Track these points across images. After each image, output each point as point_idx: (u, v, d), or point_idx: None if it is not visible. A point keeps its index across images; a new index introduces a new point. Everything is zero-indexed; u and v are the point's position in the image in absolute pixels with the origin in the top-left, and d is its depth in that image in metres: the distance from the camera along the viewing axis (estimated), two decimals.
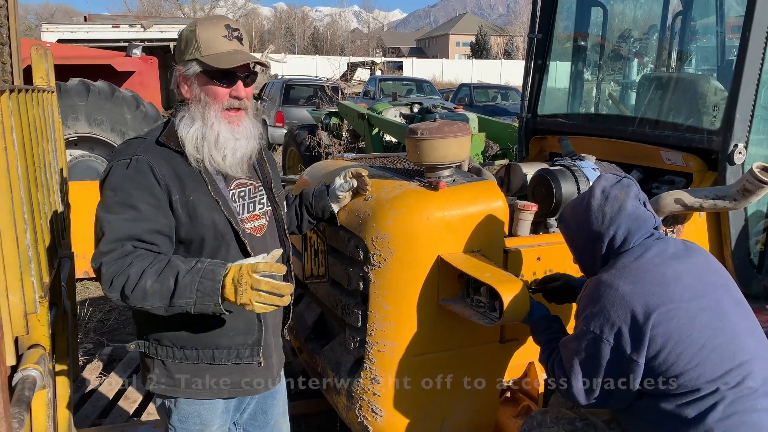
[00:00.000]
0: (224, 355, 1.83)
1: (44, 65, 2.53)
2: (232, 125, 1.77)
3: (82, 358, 3.89)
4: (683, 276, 1.70)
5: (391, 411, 2.23)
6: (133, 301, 1.62)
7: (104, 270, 1.62)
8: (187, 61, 1.74)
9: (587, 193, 1.90)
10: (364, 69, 20.96)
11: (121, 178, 1.69)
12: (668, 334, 1.62)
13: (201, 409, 1.87)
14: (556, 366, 1.86)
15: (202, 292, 1.60)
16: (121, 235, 1.65)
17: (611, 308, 1.68)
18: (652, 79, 3.65)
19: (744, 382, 1.61)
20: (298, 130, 8.97)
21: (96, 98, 6.15)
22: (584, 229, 1.87)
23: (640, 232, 1.81)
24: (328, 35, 72.15)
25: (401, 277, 2.15)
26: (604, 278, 1.75)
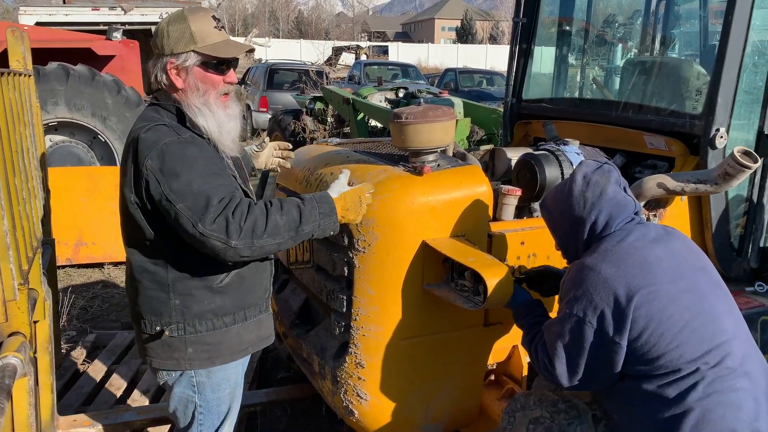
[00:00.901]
0: (252, 312, 1.98)
1: (20, 48, 2.48)
2: (226, 109, 1.89)
3: (65, 346, 3.85)
4: (664, 259, 1.73)
5: (376, 395, 2.24)
6: (266, 239, 1.72)
7: (231, 220, 1.67)
8: (181, 53, 1.81)
9: (569, 180, 1.92)
10: (349, 53, 20.84)
11: (188, 152, 1.74)
12: (650, 315, 1.65)
13: (230, 373, 1.99)
14: (539, 349, 1.87)
15: (323, 214, 1.83)
16: (225, 193, 1.72)
17: (594, 291, 1.70)
18: (636, 64, 3.66)
19: (723, 362, 1.63)
20: (283, 115, 8.92)
21: (76, 83, 6.04)
22: (566, 214, 1.90)
23: (621, 216, 1.84)
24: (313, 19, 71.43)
25: (386, 262, 2.15)
26: (587, 262, 1.77)
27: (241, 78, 15.19)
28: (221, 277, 1.87)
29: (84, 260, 5.33)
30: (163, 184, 1.70)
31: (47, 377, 2.51)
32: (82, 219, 5.18)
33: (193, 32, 1.80)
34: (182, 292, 1.85)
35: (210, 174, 1.74)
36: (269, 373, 3.70)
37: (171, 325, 1.87)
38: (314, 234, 1.83)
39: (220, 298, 1.88)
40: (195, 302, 1.86)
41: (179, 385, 1.96)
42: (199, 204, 1.68)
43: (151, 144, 1.74)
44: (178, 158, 1.72)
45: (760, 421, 1.63)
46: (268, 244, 1.73)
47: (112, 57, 7.48)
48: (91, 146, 6.33)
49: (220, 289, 1.87)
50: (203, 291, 1.85)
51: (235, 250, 1.69)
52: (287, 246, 1.80)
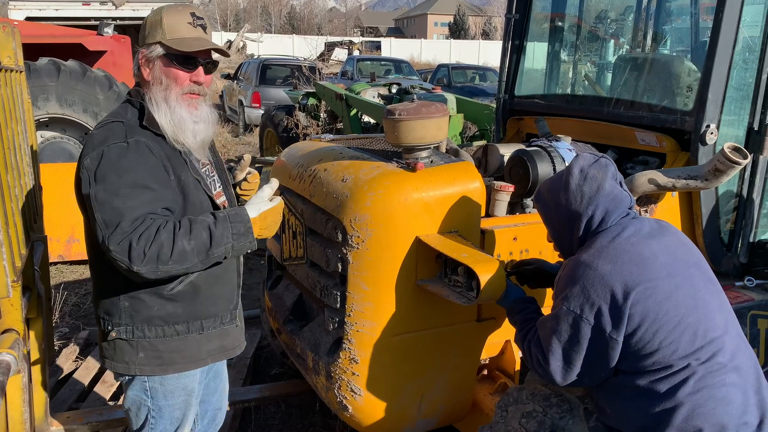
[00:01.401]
0: (210, 323, 1.94)
1: (11, 44, 2.46)
2: (191, 108, 1.84)
3: (58, 343, 3.85)
4: (659, 255, 1.73)
5: (369, 390, 2.25)
6: (172, 265, 1.66)
7: (134, 246, 1.62)
8: (151, 44, 1.80)
9: (565, 173, 1.90)
10: (342, 49, 20.79)
11: (124, 160, 1.70)
12: (646, 312, 1.65)
13: (186, 380, 1.95)
14: (533, 346, 1.86)
15: (237, 234, 1.75)
16: (141, 213, 1.68)
17: (591, 288, 1.70)
18: (628, 60, 3.68)
19: (714, 358, 1.65)
20: (276, 111, 8.88)
21: (67, 78, 5.99)
22: (562, 208, 1.88)
23: (617, 211, 1.83)
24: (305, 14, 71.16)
25: (379, 258, 2.16)
26: (583, 258, 1.77)
27: (234, 73, 15.13)
28: (172, 285, 1.83)
29: (76, 257, 5.31)
30: (92, 186, 1.68)
31: (41, 374, 2.51)
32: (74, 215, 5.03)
33: (164, 24, 1.79)
34: (132, 295, 1.82)
35: (138, 186, 1.69)
36: (263, 369, 3.71)
37: (120, 327, 1.85)
38: (228, 255, 1.77)
39: (170, 306, 1.85)
40: (144, 307, 1.83)
41: (132, 388, 1.93)
42: (113, 221, 1.65)
43: (96, 144, 1.73)
44: (113, 164, 1.69)
45: (749, 415, 1.65)
46: (175, 270, 1.68)
47: (103, 52, 7.43)
48: (83, 142, 6.28)
49: (170, 296, 1.83)
50: (153, 296, 1.82)
51: (138, 275, 1.65)
52: (198, 269, 1.74)
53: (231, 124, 14.26)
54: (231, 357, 2.09)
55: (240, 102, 13.56)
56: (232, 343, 2.05)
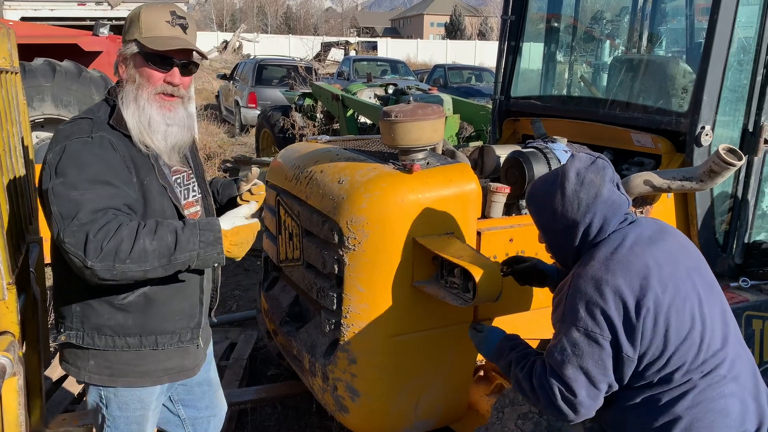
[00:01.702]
0: (167, 339, 1.85)
1: (7, 45, 2.45)
2: (164, 110, 1.77)
3: (53, 344, 3.83)
4: (663, 264, 1.64)
5: (366, 392, 2.25)
6: (130, 264, 1.56)
7: (91, 238, 1.53)
8: (128, 42, 1.75)
9: (561, 175, 1.76)
10: (338, 49, 20.79)
11: (86, 154, 1.64)
12: (656, 329, 1.59)
13: (142, 393, 1.88)
14: (549, 379, 1.66)
15: (205, 243, 1.65)
16: (101, 206, 1.60)
17: (604, 303, 1.59)
18: (623, 62, 3.69)
19: (715, 371, 1.62)
20: (272, 112, 8.88)
21: (62, 79, 5.97)
22: (558, 215, 1.75)
23: (616, 218, 1.73)
24: (301, 14, 71.14)
25: (376, 260, 2.16)
26: (591, 273, 1.64)
27: (230, 74, 15.11)
28: (124, 294, 1.75)
29: None
30: (51, 180, 1.61)
31: (36, 376, 2.50)
32: None
33: (141, 22, 1.74)
34: (83, 300, 1.76)
35: (98, 181, 1.62)
36: (259, 371, 3.71)
37: (70, 332, 1.80)
38: (192, 264, 1.66)
39: (121, 316, 1.77)
40: (94, 314, 1.77)
41: (90, 394, 1.90)
42: (69, 212, 1.57)
43: (60, 138, 1.68)
44: (73, 158, 1.62)
45: (747, 423, 1.64)
46: (132, 270, 1.57)
47: (99, 53, 7.42)
48: None
49: (121, 306, 1.76)
50: (103, 304, 1.76)
51: (92, 271, 1.55)
52: (159, 274, 1.63)
53: (227, 124, 14.24)
54: (191, 377, 1.99)
55: (236, 102, 13.54)
56: (192, 363, 1.96)
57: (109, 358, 1.81)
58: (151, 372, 1.85)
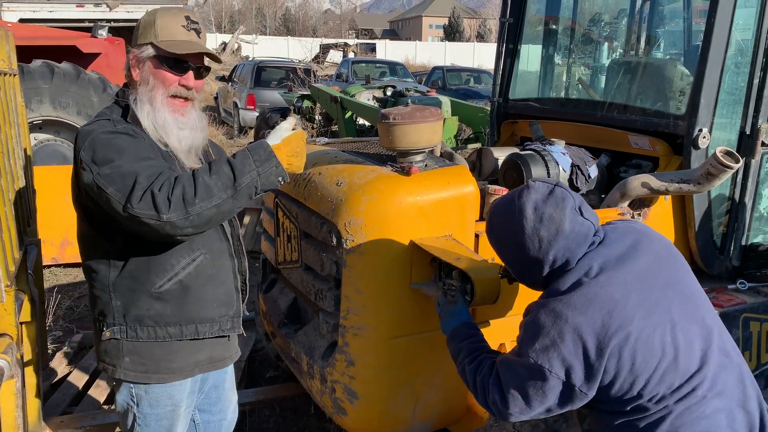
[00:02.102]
0: (207, 328, 1.89)
1: (5, 47, 2.46)
2: (176, 113, 1.81)
3: (51, 346, 3.83)
4: (631, 290, 1.58)
5: (364, 394, 2.25)
6: (200, 203, 1.59)
7: (156, 193, 1.58)
8: (142, 45, 1.79)
9: (517, 212, 1.66)
10: (337, 51, 20.82)
11: (117, 141, 1.68)
12: (621, 364, 1.54)
13: (173, 390, 1.91)
14: (490, 385, 1.70)
15: (260, 161, 1.67)
16: (155, 171, 1.64)
17: (561, 342, 1.54)
18: (621, 64, 3.70)
19: (693, 393, 1.57)
20: (270, 113, 8.90)
21: (61, 80, 5.98)
22: (519, 252, 1.68)
23: (582, 248, 1.64)
24: (300, 16, 71.18)
25: (374, 262, 2.16)
26: (552, 306, 1.60)
27: (228, 75, 15.12)
28: (160, 282, 1.80)
29: (70, 259, 5.29)
30: (94, 172, 1.64)
31: (34, 378, 2.50)
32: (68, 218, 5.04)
33: (157, 26, 1.78)
34: (123, 294, 1.80)
35: (140, 158, 1.66)
36: (257, 372, 3.71)
37: (114, 327, 1.83)
38: (257, 186, 1.67)
39: (159, 305, 1.81)
40: (134, 305, 1.80)
41: (120, 393, 1.92)
42: (127, 184, 1.61)
43: (85, 135, 1.72)
44: (107, 146, 1.67)
45: None
46: (205, 209, 1.61)
47: (97, 55, 7.42)
48: None
49: (158, 294, 1.80)
50: (142, 295, 1.79)
51: (171, 224, 1.58)
52: (229, 207, 1.66)
53: (226, 126, 14.24)
54: (221, 368, 2.03)
55: (235, 104, 13.55)
56: (222, 354, 2.00)
57: (144, 354, 1.84)
58: (182, 367, 1.89)
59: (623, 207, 2.62)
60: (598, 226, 1.71)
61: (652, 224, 2.65)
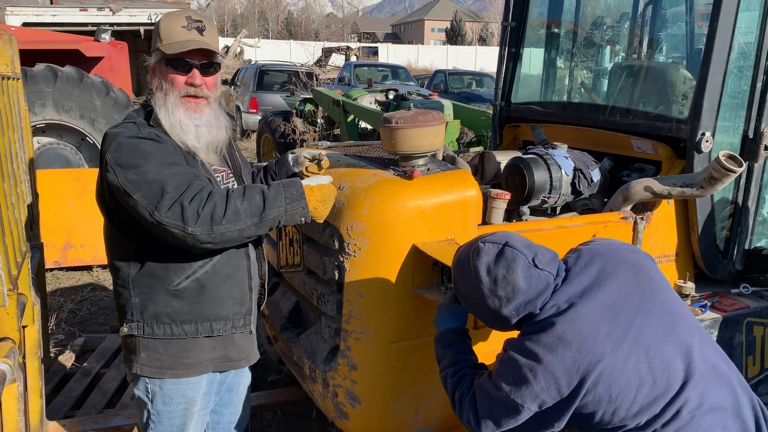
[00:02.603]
0: (221, 326, 1.93)
1: (8, 51, 2.46)
2: (191, 111, 1.85)
3: (54, 349, 3.83)
4: (599, 323, 1.57)
5: (366, 398, 2.25)
6: (226, 225, 1.66)
7: (186, 205, 1.64)
8: (153, 52, 1.85)
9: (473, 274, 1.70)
10: (339, 54, 20.85)
11: (143, 146, 1.73)
12: (599, 397, 1.55)
13: (186, 388, 1.94)
14: (466, 403, 1.75)
15: (290, 199, 1.76)
16: (182, 179, 1.70)
17: (534, 381, 1.57)
18: (624, 68, 3.70)
19: (679, 414, 1.54)
20: (273, 117, 8.89)
21: (64, 84, 5.99)
22: (484, 310, 1.73)
23: (543, 296, 1.66)
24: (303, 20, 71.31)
25: (376, 266, 2.16)
26: (524, 346, 1.62)
27: (231, 79, 15.15)
28: (178, 280, 1.84)
29: (72, 263, 5.29)
30: (120, 175, 1.69)
31: (36, 382, 2.50)
32: (71, 221, 5.15)
33: (161, 30, 1.82)
34: (141, 291, 1.85)
35: (166, 163, 1.72)
36: (260, 376, 3.70)
37: (131, 323, 1.88)
38: (281, 221, 1.76)
39: (177, 302, 1.85)
40: (152, 302, 1.85)
41: (137, 388, 1.96)
42: (154, 192, 1.66)
43: (111, 138, 1.77)
44: (133, 150, 1.72)
45: None
46: (229, 231, 1.68)
47: (100, 58, 7.45)
48: (80, 148, 6.29)
49: (176, 292, 1.84)
50: (160, 292, 1.84)
51: (194, 237, 1.65)
52: (252, 233, 1.74)
53: None
54: (237, 368, 2.06)
55: (237, 107, 13.57)
56: (239, 354, 2.02)
57: (159, 349, 1.88)
58: (197, 363, 1.92)
59: (626, 211, 2.62)
60: (557, 269, 1.70)
61: (655, 228, 2.65)
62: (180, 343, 1.89)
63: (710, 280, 2.87)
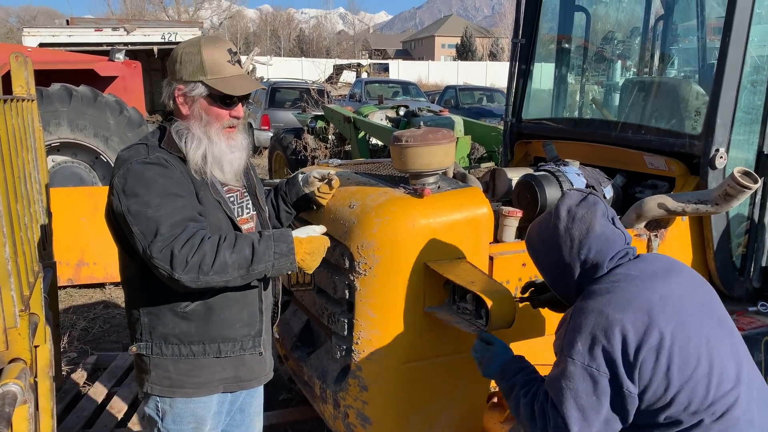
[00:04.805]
0: (229, 347, 1.92)
1: (24, 73, 2.50)
2: (229, 141, 1.88)
3: (66, 368, 3.84)
4: (667, 301, 1.61)
5: (378, 419, 2.22)
6: (213, 276, 1.68)
7: (176, 252, 1.65)
8: (190, 82, 1.81)
9: (553, 215, 1.78)
10: (350, 71, 20.98)
11: (148, 173, 1.74)
12: (658, 367, 1.55)
13: (196, 407, 1.93)
14: (549, 409, 1.67)
15: (279, 254, 1.76)
16: (179, 219, 1.70)
17: (603, 337, 1.57)
18: (635, 83, 3.68)
19: (729, 413, 1.55)
20: (284, 134, 8.95)
21: (78, 103, 6.08)
22: (554, 254, 1.77)
23: (611, 252, 1.71)
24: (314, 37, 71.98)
25: (387, 285, 2.15)
26: (590, 305, 1.63)
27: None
28: (185, 303, 1.84)
29: (85, 280, 5.32)
30: (123, 203, 1.71)
31: (47, 402, 2.49)
32: (84, 239, 5.19)
33: (204, 62, 1.79)
34: (150, 311, 1.86)
35: (167, 195, 1.72)
36: (271, 395, 3.68)
37: (140, 343, 1.89)
38: (267, 274, 1.78)
39: (184, 324, 1.85)
40: (160, 323, 1.86)
41: (147, 406, 1.96)
42: (150, 230, 1.68)
43: (121, 163, 1.78)
44: (138, 179, 1.72)
45: None
46: (215, 281, 1.70)
47: (114, 77, 7.55)
48: (93, 166, 6.36)
49: (184, 314, 1.84)
50: (168, 313, 1.84)
51: (178, 282, 1.68)
52: (237, 283, 1.76)
53: None
54: (247, 389, 2.04)
55: (249, 124, 13.68)
56: (249, 375, 2.01)
57: (169, 368, 1.88)
58: (207, 382, 1.92)
59: (639, 228, 2.59)
60: (629, 240, 1.77)
61: (669, 245, 2.62)
62: (189, 362, 1.89)
63: (727, 298, 2.82)
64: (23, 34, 9.71)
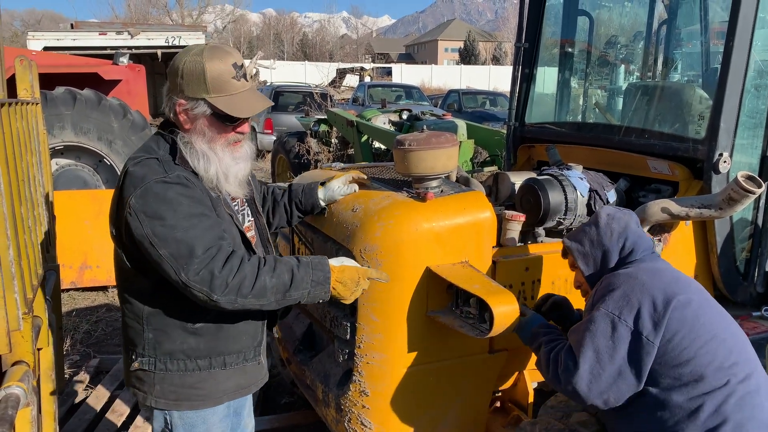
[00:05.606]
0: (233, 359, 1.90)
1: (28, 77, 2.51)
2: (235, 153, 1.83)
3: (68, 371, 3.84)
4: (691, 282, 1.86)
5: (380, 423, 2.21)
6: (251, 299, 1.68)
7: (217, 274, 1.62)
8: (192, 98, 1.72)
9: (595, 216, 2.08)
10: (353, 75, 21.00)
11: (171, 193, 1.66)
12: (684, 319, 1.70)
13: (206, 414, 1.92)
14: (562, 354, 1.83)
15: (315, 282, 1.76)
16: (211, 238, 1.66)
17: (631, 293, 1.77)
18: (639, 88, 3.67)
19: (750, 378, 1.68)
20: (287, 137, 8.96)
21: (82, 107, 6.10)
22: (595, 243, 2.01)
23: (644, 246, 1.97)
24: (317, 41, 72.18)
25: (390, 289, 2.14)
26: (623, 271, 1.89)
27: None
28: (196, 320, 1.81)
29: (88, 283, 5.33)
30: (146, 226, 1.63)
31: (50, 405, 2.50)
32: (87, 242, 5.20)
33: (207, 78, 1.69)
34: (156, 327, 1.80)
35: (194, 216, 1.66)
36: (272, 398, 3.68)
37: (143, 358, 1.83)
38: (302, 300, 1.77)
39: (193, 340, 1.82)
40: (167, 339, 1.80)
41: (155, 420, 1.92)
42: (182, 252, 1.62)
43: (137, 181, 1.67)
44: (161, 200, 1.64)
45: None
46: (251, 304, 1.69)
47: (118, 81, 7.58)
48: (97, 170, 6.38)
49: (193, 330, 1.81)
50: (176, 329, 1.80)
51: (216, 303, 1.65)
52: (272, 307, 1.76)
53: None
54: (247, 395, 2.03)
55: (252, 128, 13.70)
56: (248, 382, 2.00)
57: (175, 382, 1.84)
58: (211, 394, 1.90)
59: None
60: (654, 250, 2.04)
61: (673, 250, 2.61)
62: (195, 375, 1.85)
63: (730, 303, 2.81)
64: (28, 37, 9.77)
